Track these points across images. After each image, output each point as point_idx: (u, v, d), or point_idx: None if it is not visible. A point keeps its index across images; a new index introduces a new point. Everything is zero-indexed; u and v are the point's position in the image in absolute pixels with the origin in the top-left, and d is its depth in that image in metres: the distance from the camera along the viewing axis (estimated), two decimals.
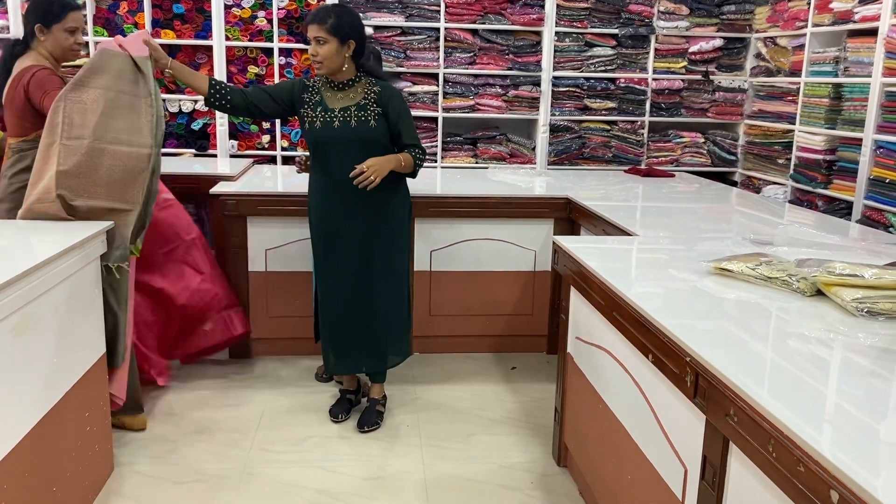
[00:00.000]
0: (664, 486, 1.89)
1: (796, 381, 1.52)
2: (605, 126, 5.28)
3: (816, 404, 1.41)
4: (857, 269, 1.98)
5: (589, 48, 5.15)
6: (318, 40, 2.87)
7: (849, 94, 4.21)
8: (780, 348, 1.71)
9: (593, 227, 3.37)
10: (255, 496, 2.66)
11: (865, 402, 1.44)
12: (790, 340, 1.75)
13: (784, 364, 1.61)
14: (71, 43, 2.93)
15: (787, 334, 1.80)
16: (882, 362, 1.63)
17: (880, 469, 1.18)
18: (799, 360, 1.65)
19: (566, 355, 2.76)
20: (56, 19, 2.88)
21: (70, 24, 2.90)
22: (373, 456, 2.94)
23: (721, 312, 1.97)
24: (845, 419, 1.35)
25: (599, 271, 2.27)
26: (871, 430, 1.33)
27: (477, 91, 5.11)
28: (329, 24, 2.85)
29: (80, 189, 2.60)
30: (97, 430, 2.60)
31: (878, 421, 1.37)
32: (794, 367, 1.60)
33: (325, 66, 2.92)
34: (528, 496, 2.70)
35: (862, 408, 1.41)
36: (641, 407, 2.04)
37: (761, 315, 1.93)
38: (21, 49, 2.93)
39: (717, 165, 5.37)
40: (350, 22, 2.92)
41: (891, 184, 3.82)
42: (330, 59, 2.90)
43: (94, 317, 2.58)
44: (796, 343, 1.74)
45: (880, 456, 1.24)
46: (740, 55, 5.29)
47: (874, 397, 1.47)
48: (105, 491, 2.65)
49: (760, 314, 1.94)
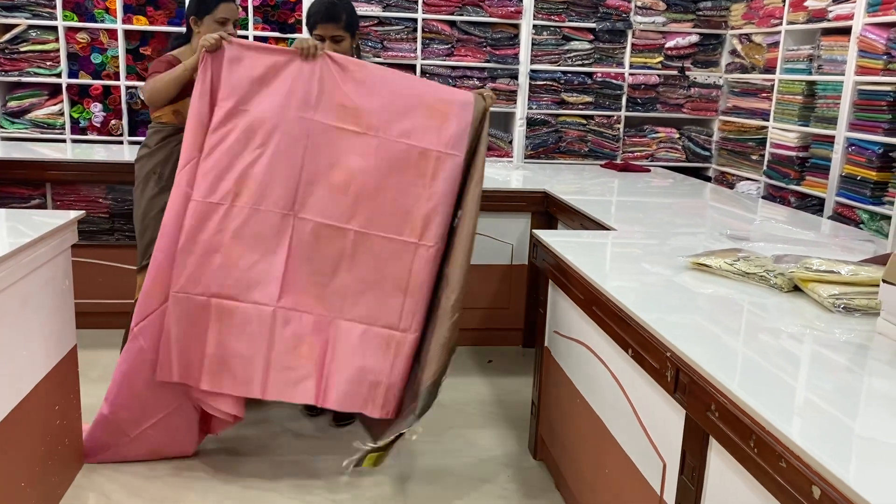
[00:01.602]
0: (642, 480, 1.90)
1: (777, 377, 1.54)
2: (581, 120, 5.29)
3: (797, 400, 1.42)
4: (834, 266, 2.00)
5: (566, 42, 5.14)
6: (336, 39, 2.82)
7: (822, 91, 4.25)
8: (760, 344, 1.72)
9: (571, 221, 3.38)
10: (229, 488, 2.62)
11: (844, 398, 1.46)
12: (770, 336, 1.77)
13: (764, 360, 1.62)
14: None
15: (767, 330, 1.81)
16: (858, 358, 1.65)
17: (861, 464, 1.19)
18: (779, 356, 1.66)
19: (544, 349, 2.76)
20: (207, 11, 2.91)
21: (220, 16, 2.91)
22: (347, 450, 2.91)
23: (700, 308, 1.98)
24: (826, 415, 1.36)
25: (579, 266, 2.27)
26: (851, 426, 1.34)
27: (454, 83, 5.08)
28: (344, 21, 2.81)
29: None
30: (67, 423, 2.54)
31: (857, 417, 1.39)
32: (775, 363, 1.61)
33: None
34: (505, 489, 2.70)
35: (842, 404, 1.43)
36: (620, 401, 2.04)
37: (740, 311, 1.95)
38: (181, 42, 3.04)
39: (691, 161, 5.41)
40: (354, 12, 2.89)
41: (862, 181, 3.87)
42: (345, 54, 2.87)
43: (65, 308, 2.52)
44: (776, 339, 1.75)
45: (861, 451, 1.25)
46: (716, 51, 5.32)
47: (853, 393, 1.49)
48: (74, 486, 2.60)
49: (739, 310, 1.95)
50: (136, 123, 4.88)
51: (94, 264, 3.84)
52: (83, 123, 4.82)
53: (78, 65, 4.75)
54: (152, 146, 3.00)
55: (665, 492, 1.78)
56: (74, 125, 4.82)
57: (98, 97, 4.79)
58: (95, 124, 4.82)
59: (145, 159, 3.02)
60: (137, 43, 4.81)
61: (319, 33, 2.83)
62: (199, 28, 2.93)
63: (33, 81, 4.72)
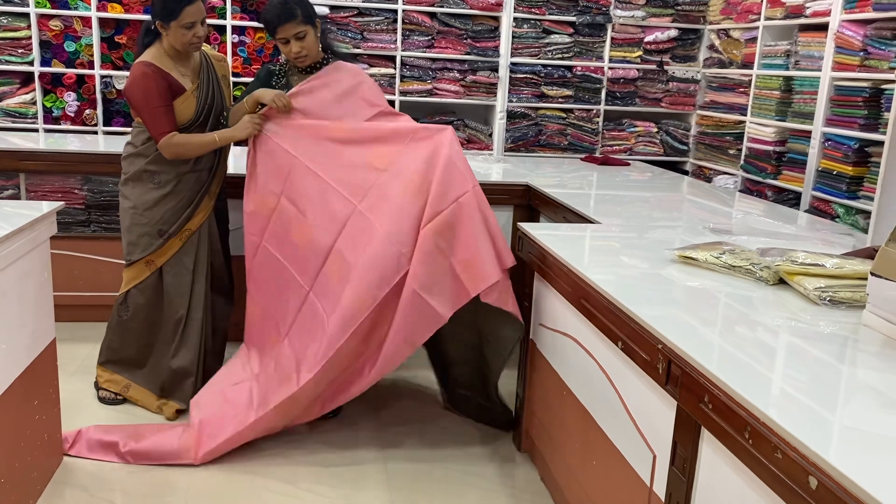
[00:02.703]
0: (632, 472, 1.91)
1: (769, 369, 1.55)
2: (561, 114, 5.30)
3: (790, 391, 1.43)
4: (819, 259, 2.03)
5: (546, 35, 5.15)
6: (299, 36, 2.79)
7: (799, 87, 4.31)
8: (750, 336, 1.74)
9: (554, 214, 3.38)
10: (211, 484, 2.60)
11: (837, 390, 1.48)
12: (759, 329, 1.79)
13: (755, 352, 1.64)
14: (190, 37, 2.86)
15: (755, 322, 1.83)
16: (847, 350, 1.67)
17: (856, 454, 1.20)
18: (769, 348, 1.68)
19: (529, 342, 2.76)
20: (173, 17, 2.81)
21: (187, 21, 2.82)
22: (333, 443, 2.90)
23: (688, 300, 1.99)
24: (820, 406, 1.38)
25: (567, 259, 2.28)
26: (845, 417, 1.36)
27: (434, 75, 5.07)
28: (301, 15, 2.77)
29: None
30: (46, 418, 2.50)
31: (850, 408, 1.40)
32: (765, 356, 1.63)
33: (310, 56, 2.86)
34: (491, 482, 2.70)
35: (835, 396, 1.45)
36: (608, 393, 2.06)
37: (728, 303, 1.96)
38: (150, 40, 2.94)
39: (669, 155, 5.45)
40: (307, 2, 2.84)
41: (838, 175, 3.93)
42: (312, 47, 2.85)
43: (45, 300, 2.47)
44: (765, 332, 1.77)
45: (855, 441, 1.27)
46: (694, 46, 5.37)
47: (845, 385, 1.51)
48: (54, 482, 2.55)
49: (727, 302, 1.97)
50: (110, 113, 4.80)
51: (70, 256, 3.77)
52: (56, 113, 4.73)
53: (51, 53, 4.66)
54: (138, 145, 2.97)
55: (655, 483, 1.79)
56: (47, 114, 4.73)
57: (72, 86, 4.71)
58: (69, 114, 4.73)
59: (134, 157, 2.98)
60: (112, 31, 4.72)
61: (282, 36, 2.80)
62: (166, 32, 2.86)
63: (4, 69, 4.63)
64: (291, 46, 2.80)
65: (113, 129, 4.79)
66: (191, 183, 3.01)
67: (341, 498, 2.56)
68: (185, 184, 2.99)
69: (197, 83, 2.96)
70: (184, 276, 3.04)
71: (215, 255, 3.18)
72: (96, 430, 2.80)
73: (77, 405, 3.06)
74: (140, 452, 2.69)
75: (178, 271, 3.04)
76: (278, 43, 2.83)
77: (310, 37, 2.81)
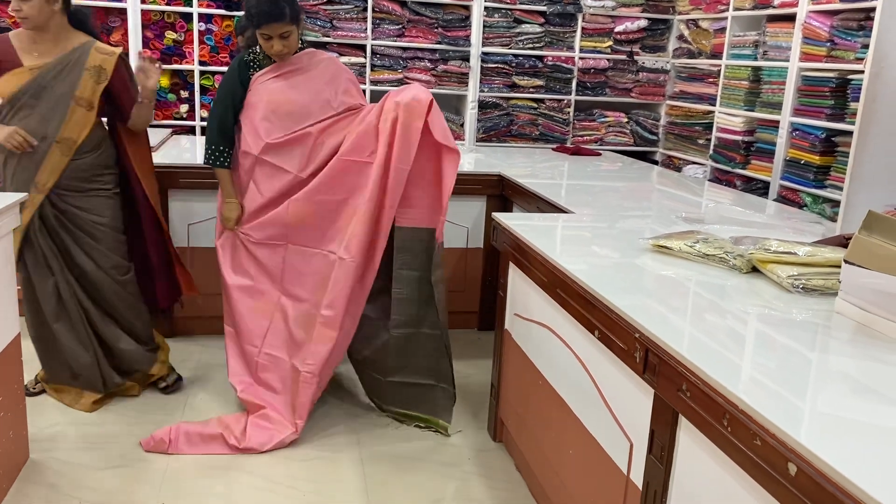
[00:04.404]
0: (608, 460, 1.92)
1: (745, 356, 1.56)
2: (532, 104, 5.30)
3: (767, 379, 1.44)
4: (791, 247, 2.05)
5: (518, 24, 5.13)
6: (284, 35, 2.75)
7: (767, 77, 4.35)
8: (726, 325, 1.75)
9: (527, 204, 3.38)
10: (183, 481, 2.56)
11: (811, 376, 1.49)
12: (735, 317, 1.80)
13: (731, 340, 1.65)
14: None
15: (729, 311, 1.84)
16: (820, 338, 1.69)
17: (833, 440, 1.21)
18: (744, 336, 1.69)
19: (503, 332, 2.76)
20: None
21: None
22: (307, 437, 2.87)
23: (663, 289, 2.00)
24: (795, 393, 1.39)
25: (543, 249, 2.27)
26: (819, 404, 1.37)
27: (405, 64, 5.03)
28: (289, 16, 2.72)
29: None
30: (11, 415, 2.44)
31: (823, 394, 1.42)
32: (741, 343, 1.64)
33: (289, 53, 2.83)
34: (466, 472, 2.70)
35: (809, 383, 1.46)
36: (584, 382, 2.06)
37: (703, 292, 1.98)
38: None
39: (639, 145, 5.48)
40: (296, 2, 2.80)
41: (805, 165, 3.99)
42: (294, 46, 2.82)
43: (8, 295, 2.40)
44: (740, 320, 1.78)
45: (835, 428, 1.28)
46: (663, 36, 5.39)
47: (819, 372, 1.52)
48: (20, 479, 2.49)
49: (701, 291, 1.98)
50: None
51: None
52: None
53: None
54: None
55: (632, 471, 1.80)
56: None
57: None
58: None
59: None
60: None
61: (266, 32, 2.74)
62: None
63: None
64: (274, 44, 2.75)
65: None
66: (11, 170, 2.83)
67: (316, 491, 2.54)
68: (7, 170, 2.84)
69: (42, 64, 2.80)
70: (28, 276, 2.89)
71: (84, 260, 2.92)
72: (190, 425, 2.80)
73: (42, 402, 2.99)
74: (247, 446, 2.74)
75: (25, 270, 2.89)
76: (260, 37, 2.77)
77: (293, 36, 2.78)
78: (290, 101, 2.84)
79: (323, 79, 2.90)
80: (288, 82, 2.86)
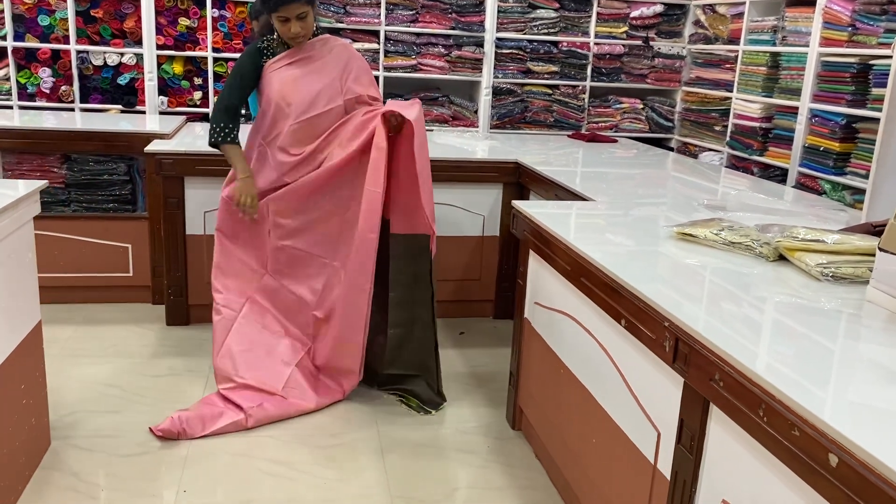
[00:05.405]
0: (634, 449, 1.90)
1: (779, 344, 1.54)
2: (547, 90, 5.26)
3: (803, 367, 1.42)
4: (820, 235, 2.02)
5: (532, 10, 5.09)
6: (301, 15, 2.73)
7: (786, 63, 4.30)
8: (757, 313, 1.73)
9: (545, 192, 3.36)
10: (203, 468, 2.56)
11: (848, 365, 1.47)
12: (764, 305, 1.78)
13: (763, 329, 1.63)
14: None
15: (760, 299, 1.82)
16: (853, 326, 1.67)
17: (874, 430, 1.19)
18: (776, 325, 1.67)
19: (523, 320, 2.74)
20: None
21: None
22: (327, 424, 2.87)
23: (690, 277, 1.98)
24: (833, 382, 1.37)
25: (566, 237, 2.25)
26: (858, 393, 1.35)
27: (419, 50, 5.00)
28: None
29: None
30: (33, 402, 2.44)
31: (862, 384, 1.40)
32: (774, 332, 1.63)
33: (307, 37, 2.81)
34: (486, 460, 2.70)
35: (846, 371, 1.44)
36: (608, 371, 2.04)
37: (729, 280, 1.95)
38: None
39: (654, 132, 5.44)
40: None
41: (825, 151, 3.94)
42: (310, 28, 2.81)
43: (29, 282, 2.40)
44: (771, 308, 1.76)
45: (872, 418, 1.26)
46: (679, 22, 5.34)
47: (855, 361, 1.50)
48: (42, 467, 2.50)
49: (728, 279, 1.96)
50: (87, 89, 4.68)
51: (49, 236, 3.68)
52: (31, 89, 4.60)
53: (24, 27, 4.52)
54: None
55: (660, 461, 1.79)
56: (22, 91, 4.60)
57: (46, 62, 4.58)
58: (44, 90, 4.60)
59: None
60: (88, 5, 4.58)
61: (283, 14, 2.72)
62: None
63: None
64: (291, 26, 2.73)
65: (90, 105, 4.68)
66: None
67: (336, 478, 2.54)
68: None
69: None
70: None
71: None
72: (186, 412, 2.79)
73: (62, 388, 3.00)
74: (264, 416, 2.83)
75: None
76: (276, 20, 2.75)
77: (310, 17, 2.76)
78: (300, 90, 2.82)
79: (337, 66, 2.88)
80: (300, 70, 2.84)
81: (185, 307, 3.68)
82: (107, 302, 3.90)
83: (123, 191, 3.85)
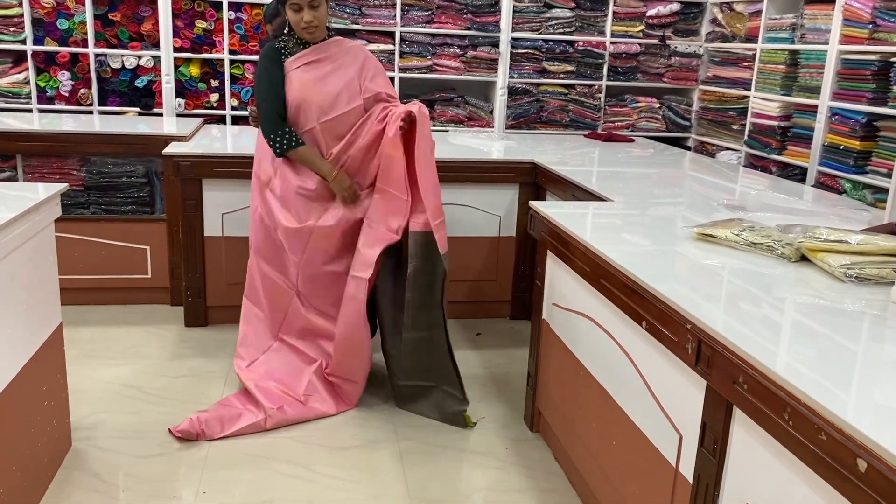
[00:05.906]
0: (656, 452, 1.89)
1: (804, 347, 1.53)
2: (562, 90, 5.24)
3: (829, 370, 1.40)
4: (843, 235, 2.00)
5: (548, 10, 5.07)
6: (313, 4, 2.72)
7: (805, 61, 4.26)
8: (780, 315, 1.71)
9: (562, 192, 3.34)
10: (223, 469, 2.57)
11: (877, 368, 1.45)
12: (787, 307, 1.76)
13: (787, 331, 1.61)
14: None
15: (783, 301, 1.81)
16: (878, 328, 1.64)
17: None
18: (801, 327, 1.65)
19: (541, 321, 2.73)
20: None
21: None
22: (345, 426, 2.88)
23: (711, 279, 1.96)
24: (859, 385, 1.35)
25: (585, 238, 2.24)
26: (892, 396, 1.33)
27: (434, 51, 4.99)
28: None
29: None
30: (55, 404, 2.46)
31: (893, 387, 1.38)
32: (798, 335, 1.61)
33: (320, 29, 2.81)
34: (504, 462, 2.69)
35: (875, 374, 1.42)
36: (629, 373, 2.03)
37: (751, 281, 1.93)
38: None
39: (671, 131, 5.41)
40: None
41: (845, 150, 3.90)
42: (323, 20, 2.80)
43: (51, 284, 2.42)
44: (794, 310, 1.74)
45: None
46: (696, 20, 5.30)
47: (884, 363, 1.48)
48: (64, 467, 2.52)
49: (750, 280, 1.94)
50: (106, 92, 4.71)
51: (68, 238, 3.70)
52: (50, 92, 4.64)
53: (43, 31, 4.56)
54: None
55: (681, 464, 1.77)
56: (41, 94, 4.64)
57: (65, 65, 4.61)
58: (63, 93, 4.64)
59: None
60: (106, 8, 4.62)
61: (296, 2, 2.73)
62: None
63: None
64: (304, 14, 2.73)
65: (109, 108, 4.71)
66: None
67: (355, 480, 2.54)
68: None
69: None
70: None
71: None
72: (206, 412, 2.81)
73: (82, 390, 3.02)
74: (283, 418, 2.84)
75: None
76: (289, 10, 2.75)
77: (323, 8, 2.76)
78: (321, 90, 2.83)
79: (354, 65, 2.88)
80: (319, 71, 2.84)
81: (204, 308, 3.69)
82: (125, 304, 3.92)
83: (142, 193, 3.88)
